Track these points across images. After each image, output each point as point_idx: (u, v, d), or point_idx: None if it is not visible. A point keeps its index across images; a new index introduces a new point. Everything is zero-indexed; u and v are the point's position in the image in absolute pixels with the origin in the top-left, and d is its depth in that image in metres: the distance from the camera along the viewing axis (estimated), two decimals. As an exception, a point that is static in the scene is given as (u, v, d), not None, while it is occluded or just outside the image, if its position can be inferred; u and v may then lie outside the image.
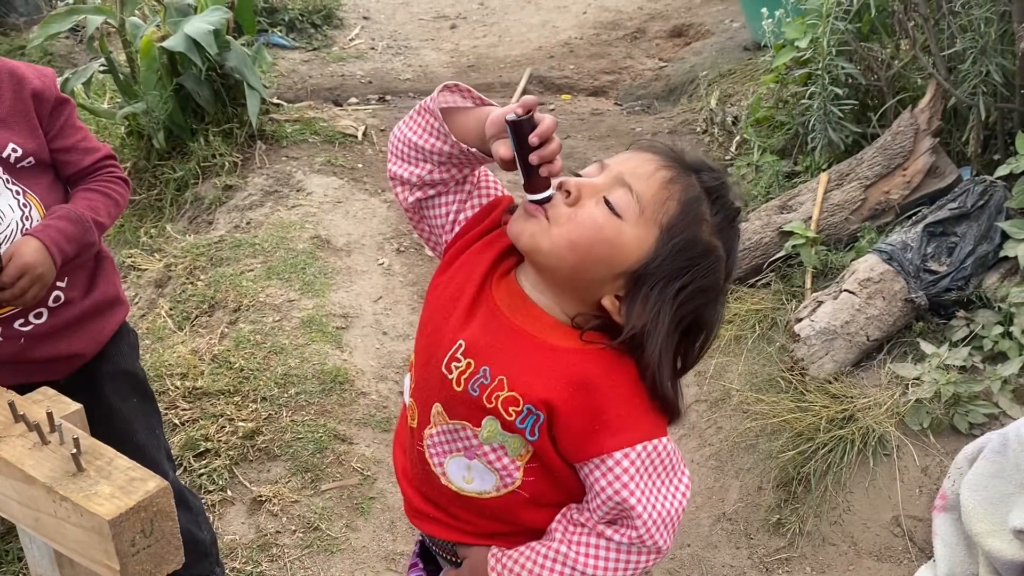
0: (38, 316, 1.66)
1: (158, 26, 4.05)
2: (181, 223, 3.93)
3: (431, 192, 1.23)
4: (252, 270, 3.31)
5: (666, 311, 1.08)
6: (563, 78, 5.38)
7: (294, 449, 2.55)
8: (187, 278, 3.38)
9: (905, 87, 3.10)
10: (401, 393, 2.83)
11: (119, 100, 4.46)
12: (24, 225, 1.60)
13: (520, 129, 1.05)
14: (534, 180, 1.08)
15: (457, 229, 1.24)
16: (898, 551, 2.25)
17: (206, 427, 2.58)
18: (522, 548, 1.17)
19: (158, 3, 4.32)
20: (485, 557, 1.19)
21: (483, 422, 1.13)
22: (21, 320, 1.64)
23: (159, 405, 2.40)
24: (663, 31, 5.82)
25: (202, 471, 2.47)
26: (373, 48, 5.81)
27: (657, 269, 1.09)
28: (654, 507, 1.09)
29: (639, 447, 1.09)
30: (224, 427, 2.59)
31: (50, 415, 1.46)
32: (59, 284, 1.67)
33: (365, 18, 6.29)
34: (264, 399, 2.70)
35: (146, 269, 3.51)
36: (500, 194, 1.26)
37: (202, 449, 2.53)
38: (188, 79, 4.00)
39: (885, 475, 2.33)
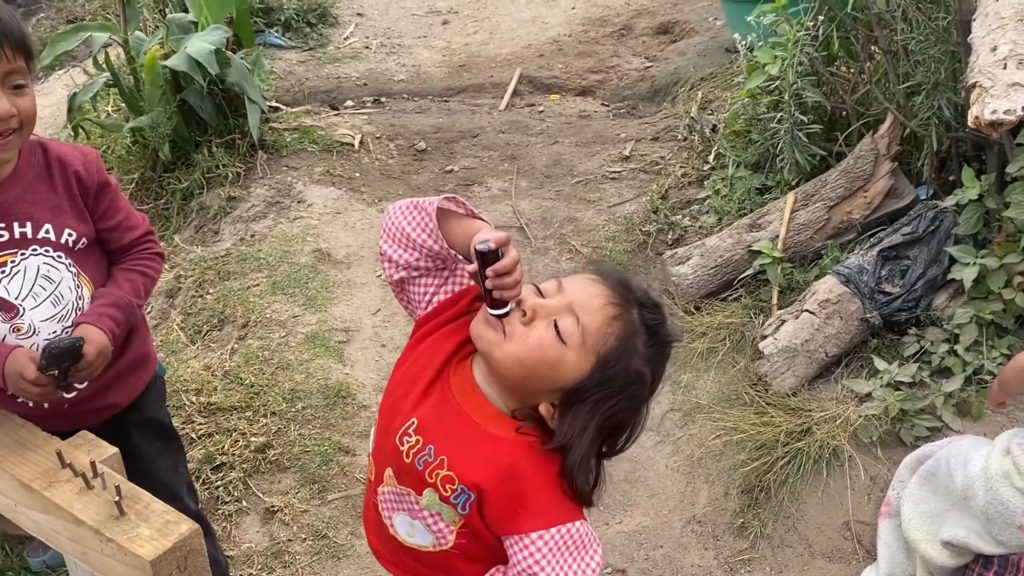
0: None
1: (161, 44, 4.23)
2: (188, 232, 4.13)
3: (414, 273, 1.44)
4: (258, 284, 3.53)
5: (591, 427, 1.29)
6: (552, 78, 5.55)
7: (302, 461, 2.79)
8: (196, 291, 3.60)
9: (868, 112, 3.29)
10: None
11: (121, 108, 4.66)
12: (78, 304, 1.77)
13: (484, 259, 1.25)
14: (493, 299, 1.28)
15: (430, 309, 1.45)
16: (848, 553, 2.50)
17: (221, 441, 2.81)
18: None
19: (160, 18, 4.50)
20: None
21: (424, 492, 1.34)
22: None
23: (176, 421, 2.63)
24: (649, 28, 5.97)
25: (219, 483, 2.72)
26: (367, 47, 5.96)
27: (589, 391, 1.29)
28: None
29: (553, 530, 1.29)
30: (238, 441, 2.82)
31: (93, 464, 1.69)
32: None
33: (359, 15, 6.43)
34: (273, 414, 2.93)
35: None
36: (471, 284, 1.45)
37: (218, 463, 2.77)
38: (191, 94, 4.18)
39: (837, 484, 2.58)
